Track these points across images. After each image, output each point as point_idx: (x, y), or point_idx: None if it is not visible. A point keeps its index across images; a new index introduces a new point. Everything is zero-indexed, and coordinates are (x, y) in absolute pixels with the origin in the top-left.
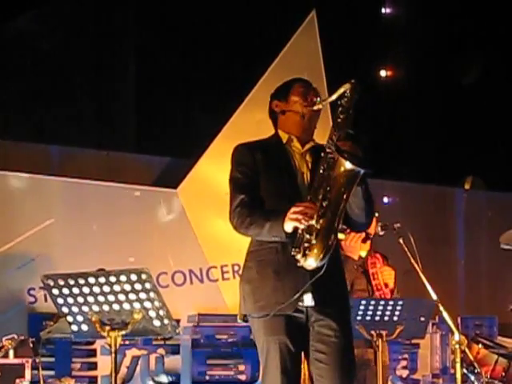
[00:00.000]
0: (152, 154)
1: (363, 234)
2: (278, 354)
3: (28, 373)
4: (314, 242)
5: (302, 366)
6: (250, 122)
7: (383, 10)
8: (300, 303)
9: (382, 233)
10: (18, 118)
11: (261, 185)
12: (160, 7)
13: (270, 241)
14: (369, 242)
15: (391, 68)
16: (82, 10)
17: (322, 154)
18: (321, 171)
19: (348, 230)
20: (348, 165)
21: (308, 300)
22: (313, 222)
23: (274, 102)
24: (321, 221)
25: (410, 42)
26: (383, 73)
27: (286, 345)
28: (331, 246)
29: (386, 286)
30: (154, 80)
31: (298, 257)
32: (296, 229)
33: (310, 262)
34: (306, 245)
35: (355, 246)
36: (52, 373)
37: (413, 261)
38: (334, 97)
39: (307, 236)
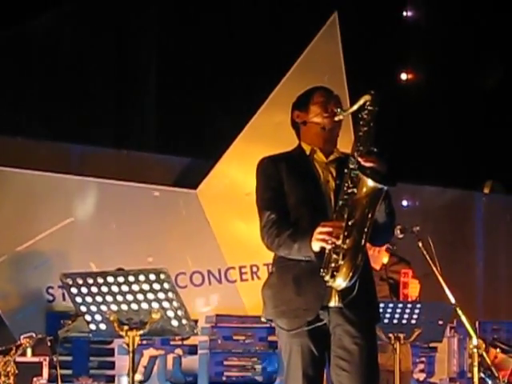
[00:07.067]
0: (172, 155)
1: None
2: (300, 357)
3: (45, 371)
4: (341, 262)
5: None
6: (270, 124)
7: (404, 13)
8: (321, 311)
9: (400, 236)
10: (38, 117)
11: (287, 194)
12: (182, 7)
13: None
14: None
15: (412, 71)
16: (103, 9)
17: (346, 170)
18: (345, 188)
19: None
20: (370, 182)
21: (332, 302)
22: (339, 243)
23: (295, 112)
24: (347, 241)
25: (432, 44)
26: (404, 76)
27: (308, 347)
28: (359, 265)
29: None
30: (175, 80)
31: (327, 278)
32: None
33: (339, 282)
34: (334, 265)
35: (379, 256)
36: (69, 372)
37: (432, 264)
38: (354, 107)
39: (334, 256)
